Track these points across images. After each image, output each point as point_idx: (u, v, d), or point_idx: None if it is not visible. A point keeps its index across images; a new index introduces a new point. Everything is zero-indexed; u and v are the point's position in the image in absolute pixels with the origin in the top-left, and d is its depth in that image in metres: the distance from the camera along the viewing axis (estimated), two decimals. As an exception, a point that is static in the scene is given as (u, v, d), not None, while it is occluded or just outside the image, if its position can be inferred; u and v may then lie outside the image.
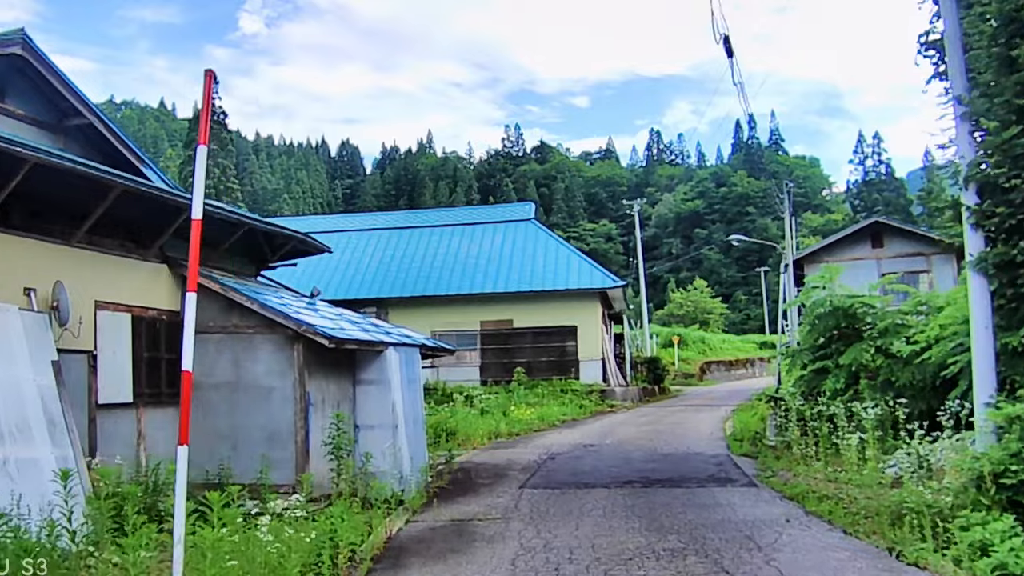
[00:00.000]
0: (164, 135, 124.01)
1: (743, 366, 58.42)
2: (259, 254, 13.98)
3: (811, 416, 13.80)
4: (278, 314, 10.93)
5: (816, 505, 9.77)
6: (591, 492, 11.37)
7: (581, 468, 13.89)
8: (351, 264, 34.96)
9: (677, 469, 13.48)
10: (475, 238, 35.23)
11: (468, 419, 19.86)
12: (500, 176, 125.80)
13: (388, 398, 11.97)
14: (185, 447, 5.62)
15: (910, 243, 28.19)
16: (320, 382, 11.56)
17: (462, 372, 30.46)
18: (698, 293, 78.93)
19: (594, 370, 30.88)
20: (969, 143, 12.33)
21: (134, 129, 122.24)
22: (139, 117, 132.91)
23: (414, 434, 12.44)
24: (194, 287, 5.81)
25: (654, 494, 11.06)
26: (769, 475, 12.53)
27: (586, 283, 31.13)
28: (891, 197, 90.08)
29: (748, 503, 10.21)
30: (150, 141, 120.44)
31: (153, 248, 11.09)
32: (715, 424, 21.92)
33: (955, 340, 12.80)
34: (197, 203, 5.90)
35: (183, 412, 5.71)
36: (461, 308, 31.29)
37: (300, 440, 11.03)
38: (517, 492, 11.56)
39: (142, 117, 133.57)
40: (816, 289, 15.64)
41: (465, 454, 16.40)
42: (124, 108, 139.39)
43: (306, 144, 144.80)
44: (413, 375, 12.88)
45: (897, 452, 12.40)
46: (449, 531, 9.07)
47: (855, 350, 14.35)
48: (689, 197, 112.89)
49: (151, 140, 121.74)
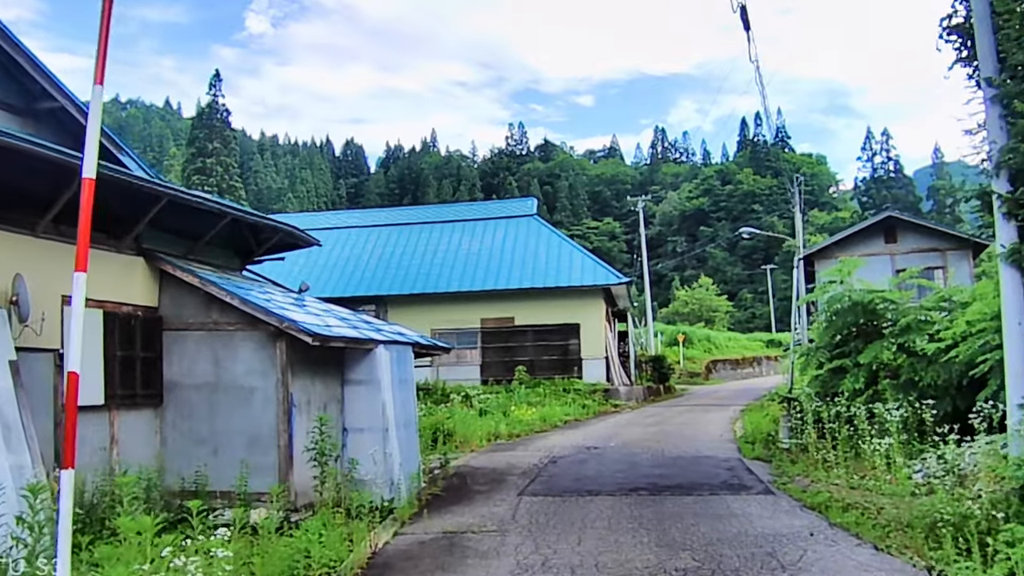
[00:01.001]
0: (170, 134, 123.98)
1: (749, 365, 57.58)
2: (244, 247, 13.23)
3: (829, 418, 13.02)
4: (259, 309, 10.18)
5: (841, 516, 8.99)
6: (595, 500, 10.60)
7: (584, 473, 13.12)
8: (350, 261, 34.24)
9: (686, 475, 12.70)
10: (476, 234, 34.45)
11: (467, 420, 19.10)
12: (504, 174, 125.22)
13: (378, 399, 11.21)
14: (70, 471, 4.51)
15: (924, 238, 27.37)
16: (305, 382, 10.82)
17: (462, 371, 29.72)
18: (703, 291, 78.04)
19: (597, 369, 30.09)
20: (1000, 127, 11.53)
21: (139, 128, 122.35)
22: (144, 116, 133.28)
23: (406, 437, 11.69)
24: (83, 266, 4.73)
25: (663, 503, 10.29)
26: (786, 481, 11.75)
27: (589, 280, 30.33)
28: (900, 194, 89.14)
29: (766, 513, 9.43)
30: (155, 140, 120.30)
31: (127, 239, 10.34)
32: (724, 425, 21.13)
33: (984, 337, 12.03)
34: (89, 160, 4.85)
35: (68, 426, 4.56)
36: (462, 306, 30.53)
37: (283, 445, 10.27)
38: (515, 500, 10.79)
39: (147, 116, 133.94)
40: (833, 284, 14.84)
41: (462, 457, 15.65)
42: (129, 107, 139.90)
43: (311, 143, 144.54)
44: (405, 375, 12.12)
45: (923, 457, 11.65)
46: (440, 546, 8.31)
47: (875, 348, 13.58)
48: (694, 195, 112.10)
49: (156, 140, 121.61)
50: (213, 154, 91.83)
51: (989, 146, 11.68)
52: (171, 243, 11.17)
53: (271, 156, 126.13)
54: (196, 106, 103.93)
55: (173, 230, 11.14)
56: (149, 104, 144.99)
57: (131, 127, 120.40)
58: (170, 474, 10.41)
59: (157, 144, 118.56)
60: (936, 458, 11.74)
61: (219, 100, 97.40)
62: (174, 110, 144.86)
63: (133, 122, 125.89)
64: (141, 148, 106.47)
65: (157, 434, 10.65)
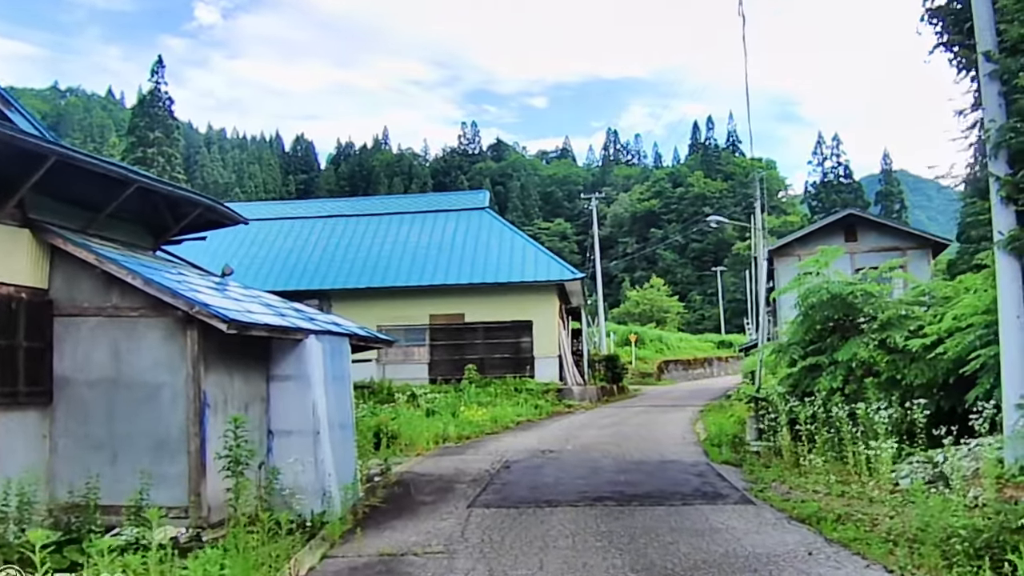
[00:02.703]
0: (112, 124, 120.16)
1: (701, 365, 57.16)
2: (158, 224, 11.62)
3: (806, 419, 12.00)
4: (165, 291, 8.67)
5: (836, 530, 7.89)
6: (555, 512, 9.33)
7: (542, 480, 11.85)
8: (292, 253, 32.48)
9: (654, 481, 11.52)
10: (426, 227, 32.97)
11: (413, 421, 17.68)
12: (456, 173, 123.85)
13: (308, 398, 9.77)
14: None
15: (885, 237, 26.88)
16: (222, 378, 9.34)
17: (410, 369, 28.29)
18: (655, 291, 77.61)
19: (551, 368, 28.91)
20: (999, 105, 10.62)
21: (80, 118, 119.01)
22: (85, 105, 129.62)
23: (341, 441, 10.26)
24: None
25: (633, 515, 9.07)
26: (763, 488, 10.66)
27: (543, 275, 29.15)
28: (849, 199, 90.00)
29: (750, 527, 8.27)
30: (96, 130, 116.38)
31: (7, 207, 8.71)
32: (684, 426, 20.10)
33: (973, 332, 11.13)
34: None
35: None
36: (410, 301, 29.06)
37: (194, 450, 8.78)
38: (465, 512, 9.46)
39: (88, 106, 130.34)
40: (809, 275, 13.82)
41: (407, 462, 14.25)
42: (69, 95, 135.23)
43: (260, 138, 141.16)
44: (341, 370, 10.70)
45: (910, 460, 10.69)
46: (375, 573, 6.95)
47: (853, 345, 12.62)
48: (645, 197, 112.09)
49: (97, 130, 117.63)
50: (155, 144, 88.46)
51: (987, 125, 10.79)
52: (66, 215, 9.55)
53: (218, 150, 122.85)
54: (138, 94, 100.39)
55: (69, 199, 9.53)
56: (91, 93, 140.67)
57: (71, 116, 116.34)
58: (60, 485, 8.86)
59: (98, 134, 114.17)
60: (922, 462, 10.83)
61: (162, 87, 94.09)
62: (116, 100, 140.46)
63: (73, 111, 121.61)
64: (81, 138, 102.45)
65: (45, 439, 9.03)
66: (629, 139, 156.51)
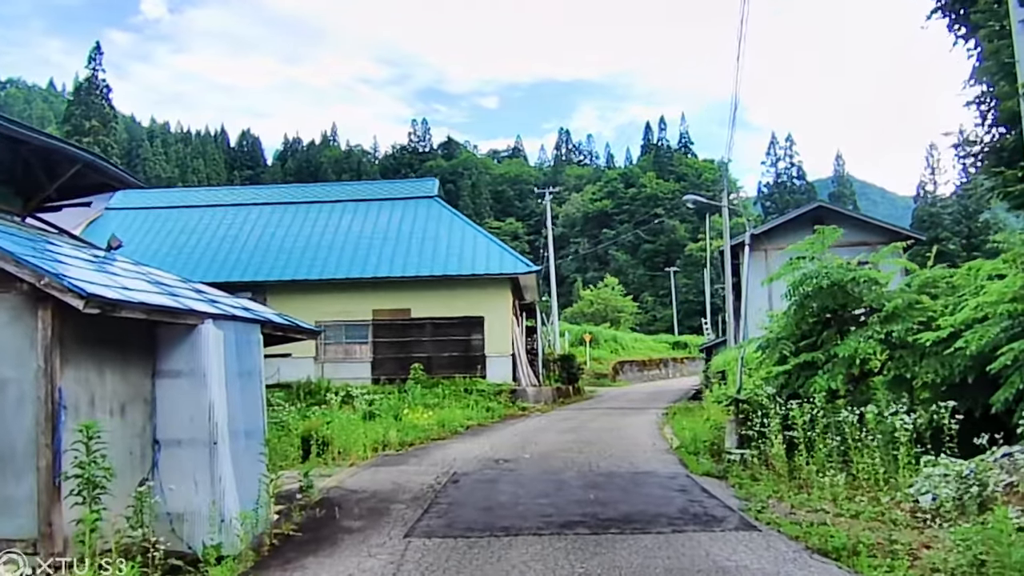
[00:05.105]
0: (52, 116, 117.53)
1: (656, 366, 55.92)
2: (29, 185, 9.47)
3: (804, 424, 10.34)
4: (6, 257, 6.56)
5: (874, 568, 6.15)
6: (515, 543, 7.43)
7: (496, 499, 9.93)
8: (225, 242, 29.97)
9: (631, 500, 9.69)
10: (370, 216, 30.74)
11: (349, 426, 15.59)
12: (406, 171, 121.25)
13: (204, 398, 7.69)
14: None
15: (855, 231, 25.58)
16: (88, 373, 7.24)
17: (351, 368, 26.12)
18: (609, 291, 76.28)
19: (503, 368, 26.97)
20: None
21: (20, 108, 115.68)
22: (26, 97, 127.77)
23: (246, 453, 8.22)
24: None
25: (613, 548, 7.20)
26: (761, 508, 8.92)
27: (495, 268, 27.18)
28: (803, 200, 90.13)
29: (766, 566, 6.48)
30: (37, 122, 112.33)
31: None
32: (651, 431, 18.39)
33: (997, 324, 9.58)
34: None
35: None
36: (352, 295, 26.82)
37: (45, 466, 6.69)
38: (401, 545, 7.50)
39: (29, 97, 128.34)
40: (802, 260, 12.17)
41: (337, 474, 12.21)
42: (9, 86, 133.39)
43: (204, 132, 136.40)
44: (250, 364, 8.65)
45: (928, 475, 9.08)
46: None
47: (855, 339, 11.00)
48: (597, 197, 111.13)
49: (37, 121, 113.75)
50: (91, 133, 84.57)
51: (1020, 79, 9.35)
52: None
53: (161, 144, 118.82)
54: (74, 82, 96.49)
55: None
56: (32, 84, 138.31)
57: (11, 107, 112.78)
58: None
59: (38, 125, 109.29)
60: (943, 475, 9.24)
61: (99, 75, 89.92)
62: (58, 92, 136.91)
63: (13, 102, 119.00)
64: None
65: None
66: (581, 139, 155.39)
